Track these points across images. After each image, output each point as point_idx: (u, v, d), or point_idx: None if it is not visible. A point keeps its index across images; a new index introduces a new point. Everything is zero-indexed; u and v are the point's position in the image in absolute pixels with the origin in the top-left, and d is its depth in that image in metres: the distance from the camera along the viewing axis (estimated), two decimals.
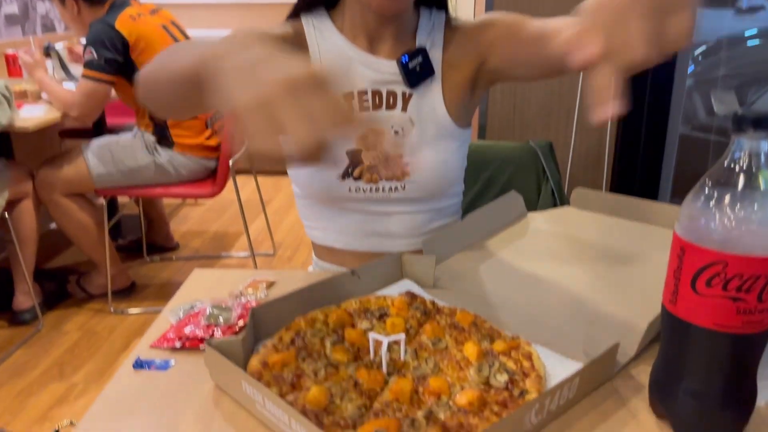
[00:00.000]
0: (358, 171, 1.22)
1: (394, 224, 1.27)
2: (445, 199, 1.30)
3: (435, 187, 1.25)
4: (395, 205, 1.25)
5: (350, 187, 1.22)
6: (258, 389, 0.73)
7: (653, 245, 1.16)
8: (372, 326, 0.92)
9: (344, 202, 1.25)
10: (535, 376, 0.79)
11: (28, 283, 2.71)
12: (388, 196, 1.24)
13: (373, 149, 1.22)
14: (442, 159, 1.23)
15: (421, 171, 1.22)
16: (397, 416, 0.73)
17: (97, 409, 0.80)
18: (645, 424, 0.75)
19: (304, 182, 1.26)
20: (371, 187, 1.23)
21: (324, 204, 1.28)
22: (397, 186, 1.23)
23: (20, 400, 2.28)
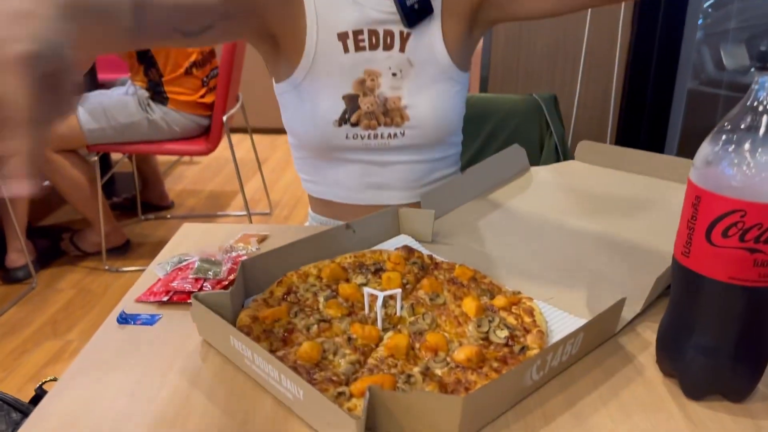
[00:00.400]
0: (355, 117, 1.17)
1: (393, 176, 1.23)
2: (444, 149, 1.25)
3: (435, 134, 1.20)
4: (394, 154, 1.21)
5: (347, 133, 1.17)
6: (247, 344, 0.70)
7: (660, 199, 1.12)
8: (367, 281, 0.88)
9: (341, 151, 1.20)
10: (536, 332, 0.76)
11: (20, 241, 2.68)
12: (387, 143, 1.19)
13: (370, 94, 1.17)
14: (442, 103, 1.18)
15: (420, 116, 1.17)
16: (392, 372, 0.70)
17: (79, 365, 0.76)
18: (651, 382, 0.72)
19: (299, 131, 1.21)
20: (369, 134, 1.18)
21: (320, 155, 1.23)
22: (396, 132, 1.18)
23: (14, 357, 2.27)
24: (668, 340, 0.71)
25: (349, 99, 1.16)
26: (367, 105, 1.16)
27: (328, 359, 0.72)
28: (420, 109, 1.17)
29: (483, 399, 0.63)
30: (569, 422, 0.66)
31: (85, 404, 0.69)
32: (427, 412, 0.61)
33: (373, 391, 0.61)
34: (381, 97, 1.16)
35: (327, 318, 0.80)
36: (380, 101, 1.16)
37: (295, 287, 0.86)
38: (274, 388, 0.68)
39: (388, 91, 1.17)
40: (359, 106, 1.16)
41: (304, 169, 1.30)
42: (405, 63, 1.16)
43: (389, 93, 1.17)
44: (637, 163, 1.22)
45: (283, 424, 0.66)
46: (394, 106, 1.17)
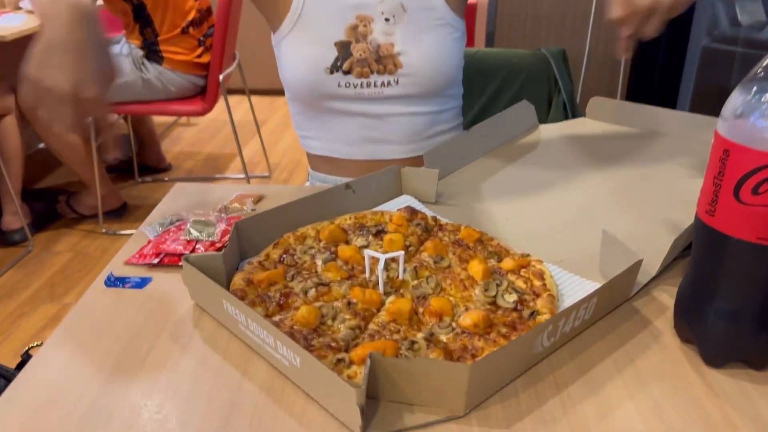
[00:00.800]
0: (347, 64, 1.12)
1: (391, 128, 1.18)
2: (442, 101, 1.21)
3: (431, 83, 1.15)
4: (389, 105, 1.16)
5: (339, 81, 1.13)
6: (240, 309, 0.66)
7: (677, 157, 1.07)
8: (368, 243, 0.84)
9: (335, 100, 1.16)
10: (547, 296, 0.71)
11: (15, 203, 2.63)
12: (381, 92, 1.15)
13: (363, 40, 1.12)
14: (437, 50, 1.14)
15: (415, 63, 1.13)
16: (394, 338, 0.66)
17: (65, 330, 0.73)
18: (669, 349, 0.68)
19: (292, 80, 1.17)
20: (362, 82, 1.14)
21: (314, 106, 1.19)
22: (389, 80, 1.14)
23: (11, 321, 2.25)
24: (688, 305, 0.67)
25: (342, 46, 1.12)
26: (360, 52, 1.12)
27: (327, 324, 0.68)
28: (413, 56, 1.13)
29: (491, 366, 0.59)
30: (582, 390, 0.62)
31: (69, 371, 0.65)
32: (432, 380, 0.57)
33: (374, 358, 0.57)
34: (374, 44, 1.12)
35: (326, 281, 0.75)
36: (373, 48, 1.12)
37: (292, 249, 0.82)
38: (270, 354, 0.65)
39: (381, 38, 1.12)
40: (351, 53, 1.12)
41: (301, 124, 1.26)
42: (398, 8, 1.11)
43: (382, 39, 1.12)
44: (651, 119, 1.16)
45: (279, 392, 0.62)
46: (387, 52, 1.12)
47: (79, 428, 0.58)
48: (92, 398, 0.62)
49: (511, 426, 0.58)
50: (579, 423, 0.58)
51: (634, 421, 0.58)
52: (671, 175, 1.02)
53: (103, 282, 0.81)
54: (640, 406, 0.60)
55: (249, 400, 0.61)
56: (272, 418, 0.59)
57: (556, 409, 0.60)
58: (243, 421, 0.59)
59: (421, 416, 0.58)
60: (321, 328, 0.68)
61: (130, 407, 0.61)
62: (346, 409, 0.56)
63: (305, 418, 0.59)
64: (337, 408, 0.58)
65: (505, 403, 0.61)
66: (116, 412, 0.60)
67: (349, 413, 0.56)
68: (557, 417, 0.59)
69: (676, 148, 1.10)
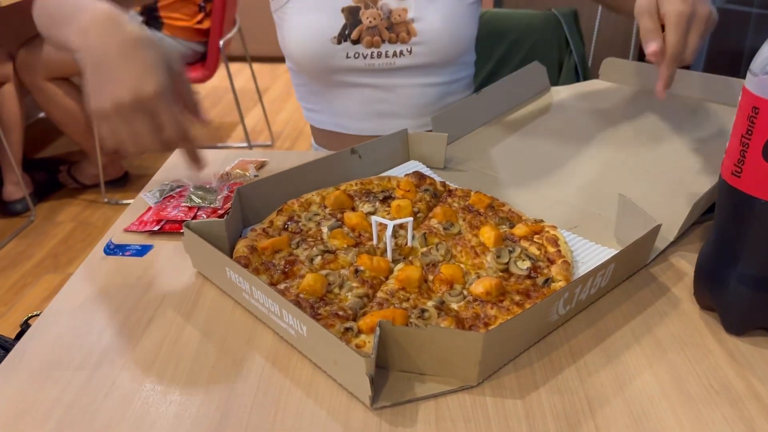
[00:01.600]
0: (356, 33, 1.05)
1: (400, 101, 1.12)
2: (456, 70, 1.15)
3: (446, 52, 1.09)
4: (401, 76, 1.10)
5: (348, 52, 1.06)
6: (244, 277, 0.63)
7: (693, 118, 1.03)
8: (375, 209, 0.81)
9: (342, 73, 1.09)
10: (561, 262, 0.69)
11: (16, 173, 2.61)
12: (392, 63, 1.08)
13: (373, 6, 1.05)
14: (454, 15, 1.07)
15: (430, 30, 1.06)
16: (403, 307, 0.64)
17: (63, 299, 0.70)
18: (688, 316, 0.66)
19: (295, 51, 1.09)
20: (372, 52, 1.07)
21: (319, 79, 1.12)
22: (402, 50, 1.07)
23: (15, 291, 2.24)
24: (709, 271, 0.64)
25: (349, 12, 1.05)
26: (370, 19, 1.05)
27: (334, 293, 0.66)
28: (429, 23, 1.06)
29: (505, 335, 0.57)
30: (598, 359, 0.60)
31: (68, 341, 0.63)
32: (444, 349, 0.55)
33: (384, 327, 0.55)
34: (385, 9, 1.05)
35: (332, 249, 0.73)
36: (384, 14, 1.05)
37: (296, 216, 0.79)
38: (275, 323, 0.62)
39: (393, 2, 1.05)
40: (360, 20, 1.05)
41: (305, 96, 1.20)
42: None
43: (394, 4, 1.05)
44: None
45: (285, 362, 0.60)
46: (400, 19, 1.05)
47: (79, 399, 0.56)
48: (92, 369, 0.60)
49: (526, 396, 0.56)
50: (596, 393, 0.56)
51: (653, 391, 0.56)
52: (687, 138, 0.98)
53: (102, 250, 0.78)
54: (660, 375, 0.58)
55: (254, 370, 0.59)
56: (278, 389, 0.57)
57: (573, 379, 0.58)
58: (248, 391, 0.57)
59: (432, 386, 0.56)
60: (328, 296, 0.65)
61: (132, 377, 0.59)
62: (355, 380, 0.54)
63: (312, 389, 0.57)
64: (346, 378, 0.56)
65: (519, 372, 0.59)
66: (117, 382, 0.58)
67: (359, 383, 0.54)
68: (573, 387, 0.57)
69: (691, 110, 1.06)
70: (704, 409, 0.55)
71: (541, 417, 0.54)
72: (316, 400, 0.56)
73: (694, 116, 1.04)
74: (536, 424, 0.53)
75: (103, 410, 0.55)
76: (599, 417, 0.54)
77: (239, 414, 0.54)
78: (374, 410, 0.54)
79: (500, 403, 0.55)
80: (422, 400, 0.56)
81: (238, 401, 0.56)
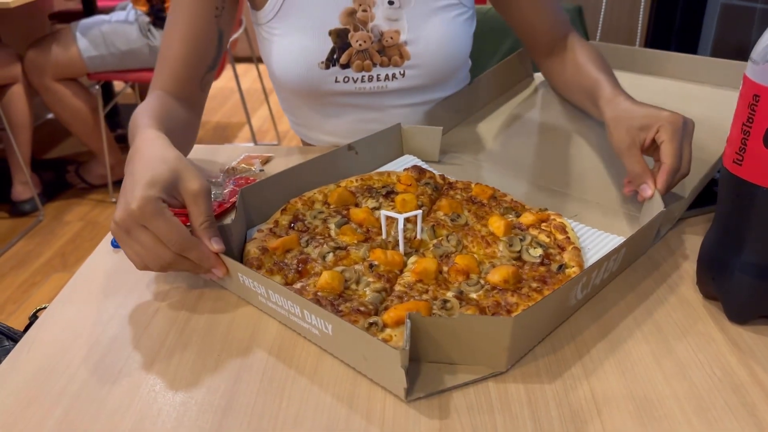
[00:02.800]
0: (345, 57, 0.98)
1: (392, 120, 1.03)
2: (449, 87, 1.09)
3: (440, 71, 1.03)
4: (392, 98, 1.04)
5: (336, 77, 1.00)
6: (259, 281, 0.63)
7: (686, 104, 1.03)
8: (379, 204, 0.81)
9: (331, 96, 1.03)
10: (572, 249, 0.69)
11: (25, 173, 2.63)
12: (384, 86, 1.02)
13: (363, 28, 0.98)
14: (449, 33, 1.00)
15: (424, 53, 1.00)
16: (423, 298, 0.64)
17: (71, 291, 0.71)
18: (691, 305, 0.66)
19: (280, 73, 1.01)
20: (363, 76, 1.00)
21: (306, 101, 1.06)
22: (395, 73, 1.01)
23: (23, 290, 2.25)
24: (712, 260, 0.65)
25: (337, 35, 0.98)
26: (360, 42, 0.98)
27: (351, 289, 0.66)
28: (423, 45, 0.99)
29: (531, 320, 0.58)
30: (602, 349, 0.60)
31: (75, 331, 0.64)
32: (474, 336, 0.56)
33: (413, 318, 0.55)
34: (376, 32, 0.98)
35: (342, 245, 0.73)
36: (375, 36, 0.98)
37: (301, 214, 0.79)
38: (297, 324, 0.62)
39: (383, 24, 0.98)
40: (350, 43, 0.98)
41: (291, 110, 1.14)
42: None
43: (385, 26, 0.98)
44: (657, 65, 1.12)
45: (289, 350, 0.61)
46: (392, 42, 0.99)
47: (86, 388, 0.57)
48: (98, 358, 0.61)
49: (555, 380, 0.57)
50: (600, 383, 0.56)
51: (657, 379, 0.57)
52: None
53: (109, 243, 0.79)
54: (663, 363, 0.58)
55: (259, 359, 0.60)
56: (283, 377, 0.58)
57: (577, 370, 0.58)
58: (254, 378, 0.57)
59: (462, 375, 0.57)
60: (346, 293, 0.65)
61: (138, 367, 0.59)
62: (387, 373, 0.55)
63: (317, 376, 0.58)
64: (377, 373, 0.56)
65: (548, 358, 0.59)
66: (124, 370, 0.59)
67: (392, 377, 0.54)
68: (577, 375, 0.57)
69: (685, 95, 1.06)
70: (706, 395, 0.55)
71: (566, 403, 0.54)
72: (321, 387, 0.56)
73: (690, 100, 1.04)
74: (563, 409, 0.53)
75: (110, 398, 0.56)
76: (603, 407, 0.54)
77: (245, 401, 0.55)
78: (395, 397, 0.55)
79: (530, 389, 0.56)
80: (455, 389, 0.56)
81: (243, 389, 0.56)
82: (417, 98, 1.06)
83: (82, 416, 0.54)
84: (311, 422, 0.53)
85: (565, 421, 0.52)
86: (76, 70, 2.62)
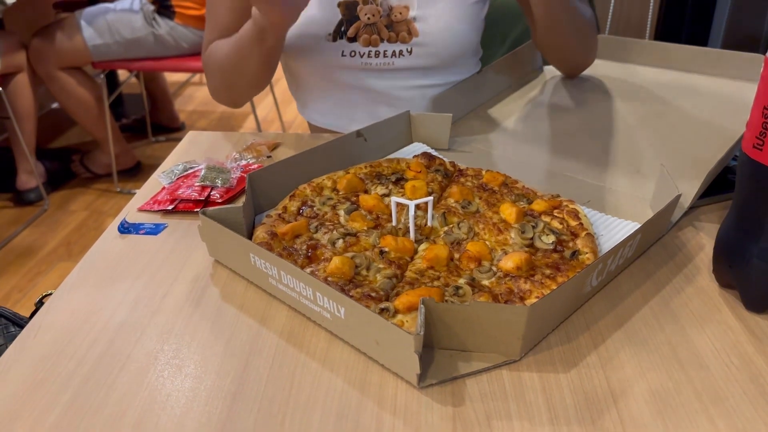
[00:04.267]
0: (353, 30, 0.98)
1: (398, 103, 1.05)
2: (459, 71, 1.08)
3: (448, 51, 1.02)
4: (400, 78, 1.04)
5: (343, 50, 0.99)
6: (271, 261, 0.62)
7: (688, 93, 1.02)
8: (389, 191, 0.80)
9: (337, 71, 1.03)
10: (585, 235, 0.68)
11: (30, 162, 2.62)
12: (391, 63, 1.01)
13: (372, 1, 0.98)
14: (458, 15, 1.00)
15: (431, 30, 0.99)
16: (435, 285, 0.63)
17: (77, 277, 0.71)
18: (707, 294, 0.65)
19: (287, 46, 1.00)
20: (370, 51, 1.00)
21: (313, 77, 1.06)
22: (402, 50, 1.00)
23: (29, 279, 2.25)
24: (729, 247, 0.63)
25: (346, 7, 0.98)
26: (368, 15, 0.97)
27: (362, 275, 0.65)
28: (432, 23, 0.99)
29: (545, 308, 0.57)
30: (618, 339, 0.59)
31: (82, 317, 0.63)
32: (488, 324, 0.55)
33: (427, 304, 0.55)
34: (385, 6, 0.98)
35: (352, 231, 0.72)
36: (384, 11, 0.98)
37: (309, 201, 0.78)
38: (307, 308, 0.61)
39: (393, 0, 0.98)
40: (358, 16, 0.98)
41: (297, 91, 1.13)
42: None
43: (395, 1, 0.98)
44: (667, 57, 1.11)
45: (299, 336, 0.60)
46: (401, 17, 0.98)
47: (94, 373, 0.56)
48: (106, 343, 0.60)
49: (571, 369, 0.56)
50: (616, 373, 0.55)
51: (673, 368, 0.56)
52: (686, 113, 0.98)
53: (116, 229, 0.78)
54: (679, 353, 0.57)
55: (269, 344, 0.59)
56: (293, 362, 0.57)
57: (593, 359, 0.57)
58: (263, 363, 0.57)
59: (476, 363, 0.56)
60: (356, 278, 0.65)
61: (146, 352, 0.59)
62: (400, 359, 0.54)
63: (327, 361, 0.57)
64: (389, 358, 0.55)
65: (563, 347, 0.58)
66: (132, 355, 0.58)
67: (405, 362, 0.53)
68: (592, 364, 0.56)
69: (692, 85, 1.05)
70: (723, 385, 0.54)
71: (581, 391, 0.53)
72: (332, 372, 0.56)
73: (689, 90, 1.03)
74: (578, 397, 0.53)
75: (118, 383, 0.55)
76: (619, 396, 0.53)
77: (255, 386, 0.54)
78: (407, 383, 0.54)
79: (545, 377, 0.55)
80: (468, 376, 0.55)
81: (253, 374, 0.56)
82: (425, 80, 1.05)
83: (89, 402, 0.53)
84: (322, 408, 0.52)
85: (580, 410, 0.51)
86: (81, 58, 2.61)
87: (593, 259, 0.65)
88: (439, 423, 0.51)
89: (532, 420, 0.51)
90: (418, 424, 0.51)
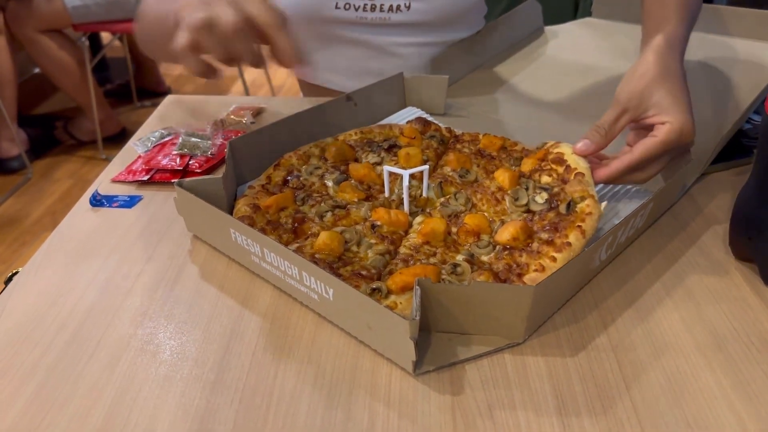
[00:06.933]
0: None
1: (396, 62, 1.00)
2: (461, 29, 1.03)
3: (447, 7, 0.97)
4: (397, 34, 0.99)
5: (337, 2, 0.95)
6: (253, 237, 0.57)
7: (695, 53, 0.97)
8: (381, 159, 0.75)
9: (331, 25, 0.98)
10: (573, 176, 0.63)
11: (11, 130, 2.55)
12: (387, 18, 0.97)
13: None
14: None
15: None
16: (431, 262, 0.58)
17: (45, 254, 0.65)
18: (723, 267, 0.61)
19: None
20: (365, 5, 0.95)
21: (307, 29, 1.00)
22: (399, 5, 0.95)
23: (14, 249, 2.20)
24: (748, 216, 0.59)
25: None
26: None
27: (352, 251, 0.60)
28: None
29: (553, 286, 0.52)
30: (629, 317, 0.55)
31: (50, 299, 0.59)
32: (490, 305, 0.51)
33: (423, 286, 0.50)
34: None
35: (342, 203, 0.67)
36: None
37: (295, 170, 0.73)
38: (293, 288, 0.57)
39: None
40: None
41: None
42: None
43: None
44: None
45: (284, 319, 0.56)
46: None
47: (61, 361, 0.52)
48: (75, 328, 0.55)
49: (578, 353, 0.52)
50: (627, 353, 0.51)
51: (689, 349, 0.52)
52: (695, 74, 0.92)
53: (88, 201, 0.73)
54: (695, 332, 0.53)
55: (252, 328, 0.55)
56: (278, 347, 0.53)
57: (602, 339, 0.53)
58: (245, 349, 0.52)
59: (476, 347, 0.52)
60: (346, 255, 0.60)
61: (118, 338, 0.54)
62: (394, 345, 0.49)
63: (315, 347, 0.53)
64: (382, 344, 0.51)
65: (569, 328, 0.54)
66: (103, 342, 0.54)
67: (399, 348, 0.49)
68: (602, 345, 0.52)
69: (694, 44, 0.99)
70: (744, 367, 0.50)
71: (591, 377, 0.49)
72: (320, 359, 0.51)
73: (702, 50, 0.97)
74: (587, 384, 0.49)
75: (86, 373, 0.51)
76: (632, 382, 0.49)
77: (235, 375, 0.50)
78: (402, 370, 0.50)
79: (551, 362, 0.51)
80: (468, 361, 0.51)
81: (234, 361, 0.51)
82: (422, 37, 1.00)
83: (56, 392, 0.49)
84: (309, 398, 0.48)
85: (590, 398, 0.47)
86: (61, 20, 2.52)
87: (591, 202, 0.59)
88: (437, 413, 0.47)
89: (537, 409, 0.47)
90: (414, 415, 0.47)
